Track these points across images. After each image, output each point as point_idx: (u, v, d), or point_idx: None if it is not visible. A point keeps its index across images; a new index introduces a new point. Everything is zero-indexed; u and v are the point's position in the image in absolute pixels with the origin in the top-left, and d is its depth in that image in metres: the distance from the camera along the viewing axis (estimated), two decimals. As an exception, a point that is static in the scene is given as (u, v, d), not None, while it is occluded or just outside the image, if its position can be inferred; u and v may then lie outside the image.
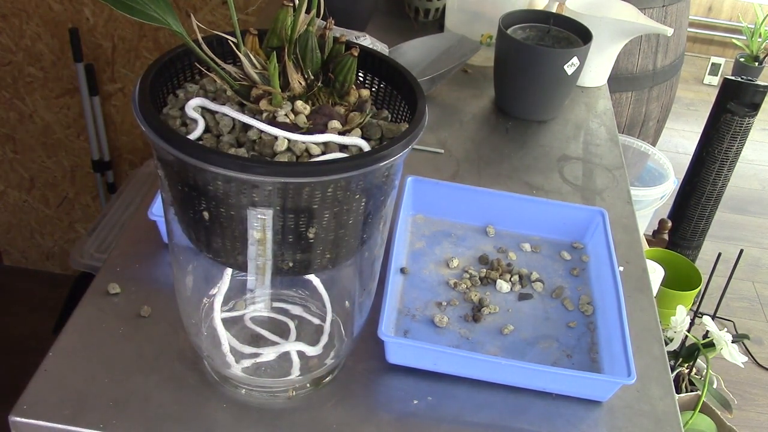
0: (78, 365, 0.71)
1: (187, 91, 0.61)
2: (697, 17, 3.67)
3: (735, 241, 2.58)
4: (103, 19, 1.85)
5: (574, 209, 0.94)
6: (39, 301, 2.25)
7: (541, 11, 1.25)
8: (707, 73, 3.63)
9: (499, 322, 0.81)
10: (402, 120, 0.63)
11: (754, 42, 3.50)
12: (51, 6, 1.83)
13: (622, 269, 0.89)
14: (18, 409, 0.66)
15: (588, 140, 1.19)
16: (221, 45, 0.61)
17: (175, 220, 0.60)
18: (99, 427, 0.65)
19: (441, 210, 0.94)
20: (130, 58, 1.92)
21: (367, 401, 0.71)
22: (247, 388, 0.70)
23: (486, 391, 0.73)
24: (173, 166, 0.54)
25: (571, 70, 1.15)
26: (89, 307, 0.77)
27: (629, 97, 1.91)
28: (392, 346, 0.73)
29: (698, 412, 1.42)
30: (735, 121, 1.96)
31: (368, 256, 0.67)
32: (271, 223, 0.54)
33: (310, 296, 0.77)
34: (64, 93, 1.98)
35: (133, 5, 0.51)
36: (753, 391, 2.04)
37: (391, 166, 0.56)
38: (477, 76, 1.33)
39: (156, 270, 0.82)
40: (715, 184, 2.08)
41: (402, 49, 1.26)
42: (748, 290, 2.39)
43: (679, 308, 1.35)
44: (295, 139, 0.54)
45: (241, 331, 0.74)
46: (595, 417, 0.72)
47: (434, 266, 0.88)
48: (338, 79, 0.59)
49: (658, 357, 0.80)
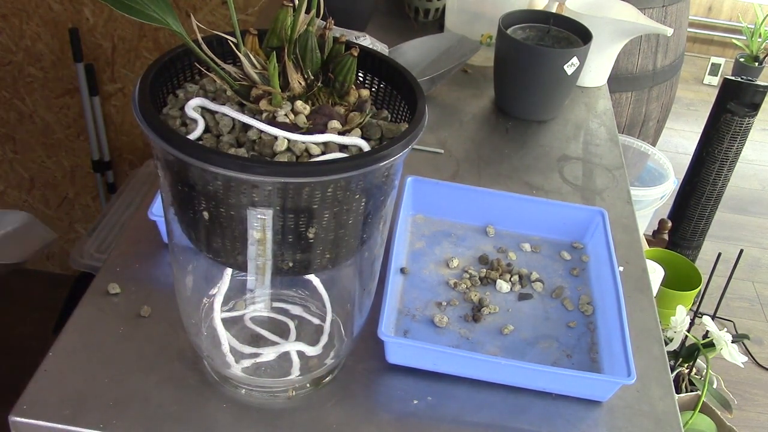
0: (78, 365, 0.71)
1: (187, 91, 0.61)
2: (697, 17, 3.67)
3: (735, 241, 2.58)
4: (103, 19, 1.85)
5: (574, 209, 0.94)
6: (39, 301, 2.24)
7: (541, 11, 1.25)
8: (707, 73, 3.63)
9: (499, 322, 0.81)
10: (402, 120, 0.63)
11: (754, 42, 3.50)
12: (51, 6, 1.83)
13: (622, 269, 0.89)
14: (18, 409, 0.66)
15: (588, 140, 1.19)
16: (221, 45, 0.61)
17: (175, 220, 0.60)
18: (99, 427, 0.65)
19: (441, 210, 0.94)
20: (130, 58, 1.92)
21: (367, 401, 0.71)
22: (247, 388, 0.70)
23: (486, 391, 0.73)
24: (173, 166, 0.54)
25: (571, 70, 1.15)
26: (89, 307, 0.77)
27: (629, 97, 1.91)
28: (392, 346, 0.73)
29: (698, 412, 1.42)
30: (735, 121, 1.96)
31: (368, 256, 0.67)
32: (271, 223, 0.54)
33: (310, 296, 0.77)
34: (64, 93, 1.98)
35: (133, 5, 0.51)
36: (753, 391, 2.03)
37: (391, 166, 0.56)
38: (477, 76, 1.33)
39: (156, 270, 0.82)
40: (715, 184, 2.08)
41: (402, 49, 1.26)
42: (748, 290, 2.39)
43: (679, 308, 1.35)
44: (294, 139, 0.54)
45: (241, 331, 0.74)
46: (595, 417, 0.72)
47: (434, 266, 0.88)
48: (338, 79, 0.59)
49: (658, 357, 0.80)
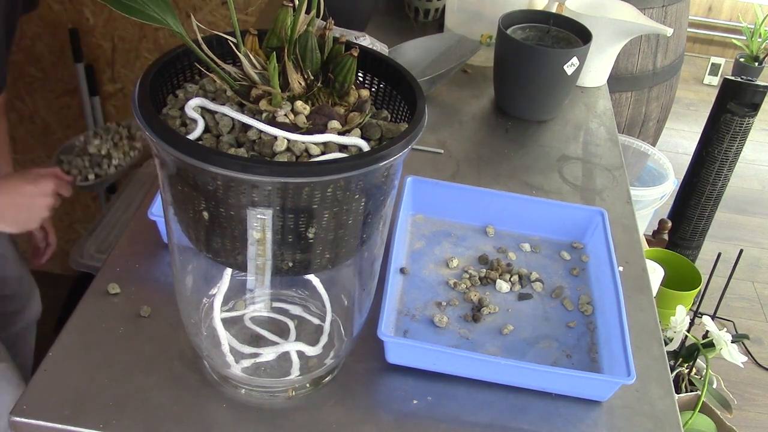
0: (78, 365, 0.71)
1: (186, 91, 0.61)
2: (697, 17, 3.67)
3: (735, 241, 2.58)
4: (102, 19, 1.85)
5: (573, 209, 0.94)
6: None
7: (540, 11, 1.25)
8: (707, 73, 3.63)
9: (498, 322, 0.81)
10: (402, 120, 0.63)
11: (754, 42, 3.50)
12: (51, 6, 1.83)
13: (622, 269, 0.89)
14: (18, 409, 0.66)
15: (588, 140, 1.19)
16: (221, 45, 0.61)
17: (175, 220, 0.60)
18: (99, 427, 0.65)
19: (441, 210, 0.94)
20: (130, 58, 1.92)
21: (366, 401, 0.71)
22: (247, 388, 0.70)
23: (485, 390, 0.73)
24: (173, 166, 0.54)
25: (571, 70, 1.15)
26: (89, 307, 0.77)
27: (629, 97, 1.91)
28: (392, 346, 0.73)
29: (698, 412, 1.42)
30: (735, 121, 1.96)
31: (368, 256, 0.67)
32: (271, 223, 0.54)
33: (310, 296, 0.77)
34: (64, 93, 1.98)
35: (133, 5, 0.51)
36: (753, 391, 2.03)
37: (391, 166, 0.56)
38: (477, 76, 1.33)
39: (156, 270, 0.82)
40: (715, 184, 2.08)
41: (402, 49, 1.26)
42: (748, 290, 2.39)
43: (679, 308, 1.35)
44: (294, 139, 0.54)
45: (241, 331, 0.74)
46: (595, 417, 0.72)
47: (434, 266, 0.88)
48: (338, 80, 0.59)
49: (658, 357, 0.80)
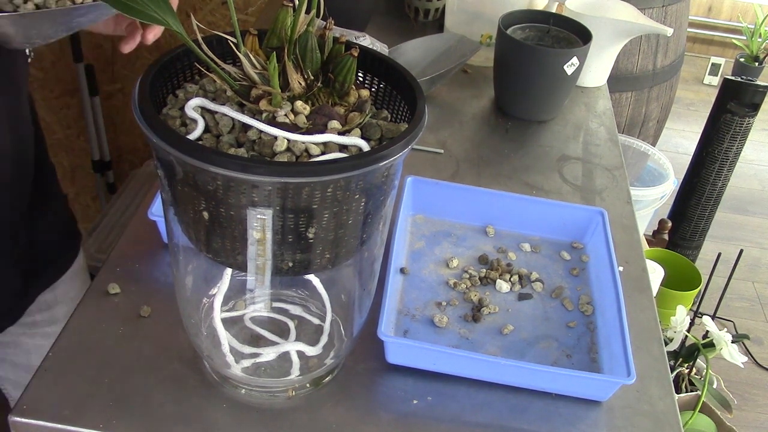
0: (78, 365, 0.71)
1: (186, 91, 0.61)
2: (697, 17, 3.66)
3: (735, 241, 2.58)
4: (103, 19, 1.85)
5: (573, 209, 0.94)
6: (39, 301, 2.24)
7: (540, 11, 1.25)
8: (707, 73, 3.63)
9: (498, 322, 0.81)
10: (402, 120, 0.63)
11: (754, 42, 3.50)
12: (51, 6, 1.83)
13: (622, 269, 0.89)
14: (18, 409, 0.66)
15: (588, 140, 1.19)
16: (221, 45, 0.61)
17: (175, 220, 0.60)
18: (99, 427, 0.65)
19: (441, 210, 0.94)
20: (130, 58, 1.92)
21: (366, 401, 0.71)
22: (247, 388, 0.70)
23: (485, 390, 0.73)
24: (173, 166, 0.54)
25: (571, 70, 1.15)
26: (89, 307, 0.77)
27: (629, 97, 1.91)
28: (392, 346, 0.73)
29: (698, 412, 1.43)
30: (735, 121, 1.96)
31: (368, 256, 0.67)
32: (271, 223, 0.54)
33: (310, 296, 0.77)
34: (64, 93, 1.98)
35: (133, 5, 0.51)
36: (753, 391, 2.03)
37: (391, 166, 0.56)
38: (477, 76, 1.33)
39: (156, 270, 0.82)
40: (715, 184, 2.08)
41: (402, 49, 1.26)
42: (748, 290, 2.39)
43: (679, 308, 1.35)
44: (294, 139, 0.54)
45: (241, 331, 0.74)
46: (595, 417, 0.72)
47: (434, 266, 0.88)
48: (338, 80, 0.59)
49: (658, 357, 0.80)
